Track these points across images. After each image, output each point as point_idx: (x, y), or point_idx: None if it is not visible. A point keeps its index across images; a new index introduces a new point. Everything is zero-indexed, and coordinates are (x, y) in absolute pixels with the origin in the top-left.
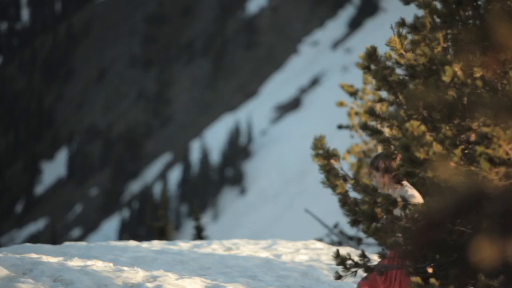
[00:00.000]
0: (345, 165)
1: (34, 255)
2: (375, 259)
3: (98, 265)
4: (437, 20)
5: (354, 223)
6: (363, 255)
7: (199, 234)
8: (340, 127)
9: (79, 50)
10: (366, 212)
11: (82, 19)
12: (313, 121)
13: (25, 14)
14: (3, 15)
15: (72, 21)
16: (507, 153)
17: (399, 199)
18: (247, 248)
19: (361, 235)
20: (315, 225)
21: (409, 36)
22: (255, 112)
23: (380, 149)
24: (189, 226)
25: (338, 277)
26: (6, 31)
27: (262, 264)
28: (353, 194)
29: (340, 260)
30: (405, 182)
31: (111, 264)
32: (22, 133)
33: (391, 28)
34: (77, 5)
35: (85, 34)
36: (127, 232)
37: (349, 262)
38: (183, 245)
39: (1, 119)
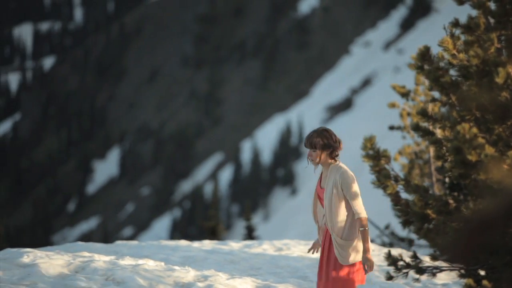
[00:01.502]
0: (397, 166)
1: (86, 254)
2: (426, 260)
3: (149, 264)
4: (491, 20)
5: (405, 224)
6: (414, 257)
7: (250, 234)
8: (391, 128)
9: (131, 50)
10: (417, 213)
11: (134, 19)
12: (364, 122)
13: (78, 14)
14: (57, 15)
15: (125, 21)
16: None
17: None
18: (298, 249)
19: (413, 236)
20: None
21: (462, 37)
22: (306, 112)
23: (431, 150)
24: (240, 226)
25: (389, 278)
26: (60, 31)
27: (313, 264)
28: (404, 195)
29: (392, 261)
30: (337, 159)
31: (162, 264)
32: (75, 132)
33: (444, 28)
34: (130, 5)
35: (137, 34)
36: (178, 231)
37: (401, 263)
38: (234, 245)
39: (54, 119)
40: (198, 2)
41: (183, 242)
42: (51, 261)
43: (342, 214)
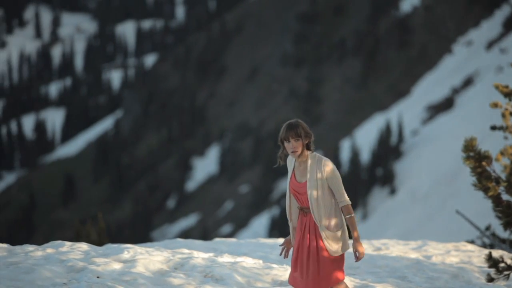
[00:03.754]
0: (498, 168)
1: (185, 250)
2: None
3: (247, 262)
4: None
5: (506, 225)
6: None
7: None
8: (493, 128)
9: (231, 48)
10: None
11: (235, 17)
12: (466, 122)
13: (180, 12)
14: (159, 13)
15: (226, 19)
16: None
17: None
18: (396, 249)
19: None
20: (466, 227)
21: None
22: (407, 112)
23: None
24: None
25: (490, 279)
26: (162, 29)
27: (412, 265)
28: (506, 196)
29: (493, 262)
30: (312, 149)
31: (261, 261)
32: (175, 129)
33: None
34: (231, 3)
35: (238, 32)
36: (276, 229)
37: (502, 265)
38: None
39: (155, 116)
40: (299, 1)
41: (281, 240)
42: (150, 257)
43: (328, 204)
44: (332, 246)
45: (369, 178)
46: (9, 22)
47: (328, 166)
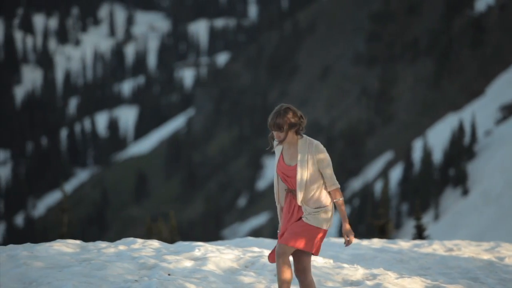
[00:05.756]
0: None
1: (256, 249)
2: None
3: (318, 261)
4: None
5: None
6: None
7: (420, 234)
8: None
9: (304, 47)
10: None
11: (307, 16)
12: None
13: (252, 11)
14: (232, 12)
15: (298, 18)
16: None
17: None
18: (468, 250)
19: None
20: None
21: None
22: (480, 112)
23: None
24: (409, 225)
25: None
26: (234, 27)
27: (484, 266)
28: None
29: None
30: (303, 134)
31: (331, 261)
32: (247, 128)
33: None
34: (304, 2)
35: (310, 31)
36: None
37: None
38: (404, 244)
39: (226, 114)
40: (372, 0)
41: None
42: (221, 255)
43: (316, 186)
44: (310, 219)
45: (441, 178)
46: (83, 20)
47: (320, 149)
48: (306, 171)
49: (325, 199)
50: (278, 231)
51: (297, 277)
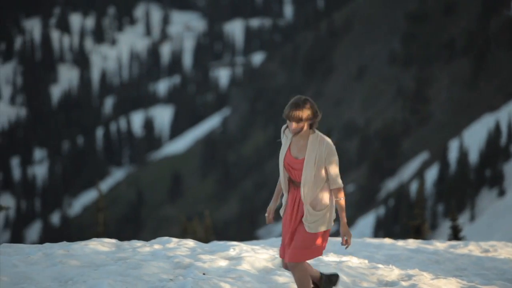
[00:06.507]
0: None
1: None
2: None
3: (353, 261)
4: None
5: None
6: None
7: (456, 235)
8: None
9: (339, 46)
10: None
11: (343, 16)
12: None
13: (288, 10)
14: (267, 11)
15: (334, 18)
16: None
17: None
18: (505, 251)
19: None
20: None
21: None
22: None
23: None
24: (445, 226)
25: None
26: (270, 27)
27: None
28: None
29: None
30: (315, 129)
31: (366, 261)
32: (281, 128)
33: None
34: (339, 2)
35: (346, 31)
36: (382, 229)
37: None
38: (439, 245)
39: (262, 114)
40: (408, 0)
41: (387, 241)
42: (256, 255)
43: (320, 185)
44: (311, 224)
45: (477, 179)
46: (120, 20)
47: (330, 147)
48: (313, 167)
49: (328, 198)
50: (280, 213)
51: (288, 270)
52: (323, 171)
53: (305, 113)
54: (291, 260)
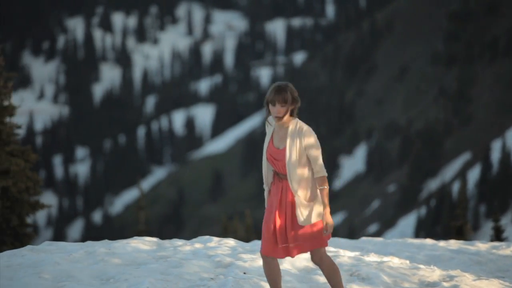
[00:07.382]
0: None
1: (331, 249)
2: None
3: (394, 261)
4: None
5: None
6: None
7: (498, 236)
8: None
9: (381, 46)
10: None
11: (385, 16)
12: None
13: (330, 10)
14: (309, 11)
15: (376, 18)
16: None
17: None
18: None
19: None
20: None
21: None
22: None
23: None
24: (487, 226)
25: None
26: (311, 27)
27: None
28: None
29: None
30: (295, 116)
31: (407, 262)
32: (323, 128)
33: None
34: (382, 2)
35: (388, 31)
36: (423, 230)
37: None
38: (481, 245)
39: (303, 113)
40: None
41: (429, 241)
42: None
43: (306, 174)
44: (304, 215)
45: None
46: (162, 19)
47: (309, 135)
48: (295, 156)
49: (315, 188)
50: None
51: (317, 265)
52: (306, 160)
53: (289, 96)
54: (290, 255)
